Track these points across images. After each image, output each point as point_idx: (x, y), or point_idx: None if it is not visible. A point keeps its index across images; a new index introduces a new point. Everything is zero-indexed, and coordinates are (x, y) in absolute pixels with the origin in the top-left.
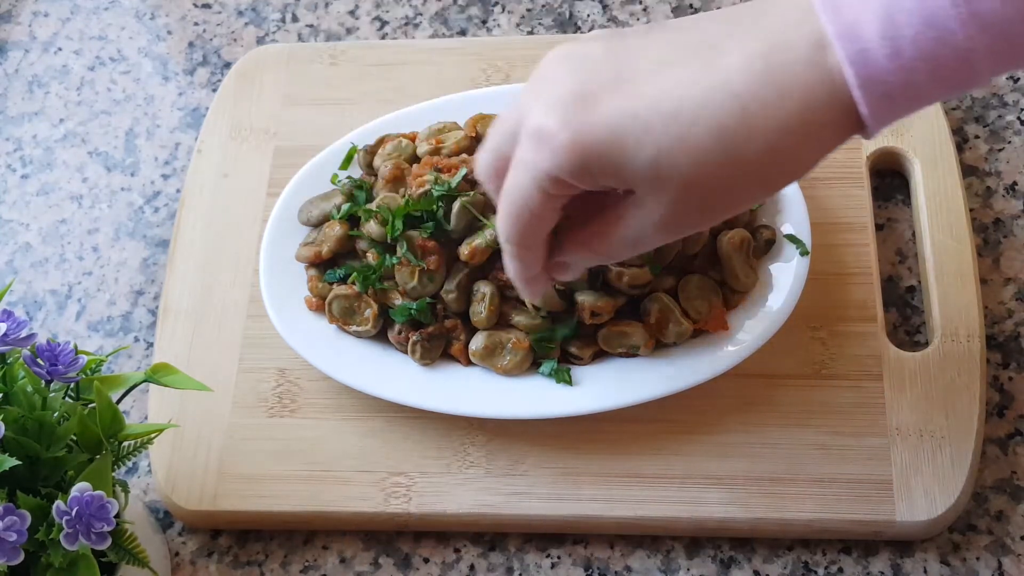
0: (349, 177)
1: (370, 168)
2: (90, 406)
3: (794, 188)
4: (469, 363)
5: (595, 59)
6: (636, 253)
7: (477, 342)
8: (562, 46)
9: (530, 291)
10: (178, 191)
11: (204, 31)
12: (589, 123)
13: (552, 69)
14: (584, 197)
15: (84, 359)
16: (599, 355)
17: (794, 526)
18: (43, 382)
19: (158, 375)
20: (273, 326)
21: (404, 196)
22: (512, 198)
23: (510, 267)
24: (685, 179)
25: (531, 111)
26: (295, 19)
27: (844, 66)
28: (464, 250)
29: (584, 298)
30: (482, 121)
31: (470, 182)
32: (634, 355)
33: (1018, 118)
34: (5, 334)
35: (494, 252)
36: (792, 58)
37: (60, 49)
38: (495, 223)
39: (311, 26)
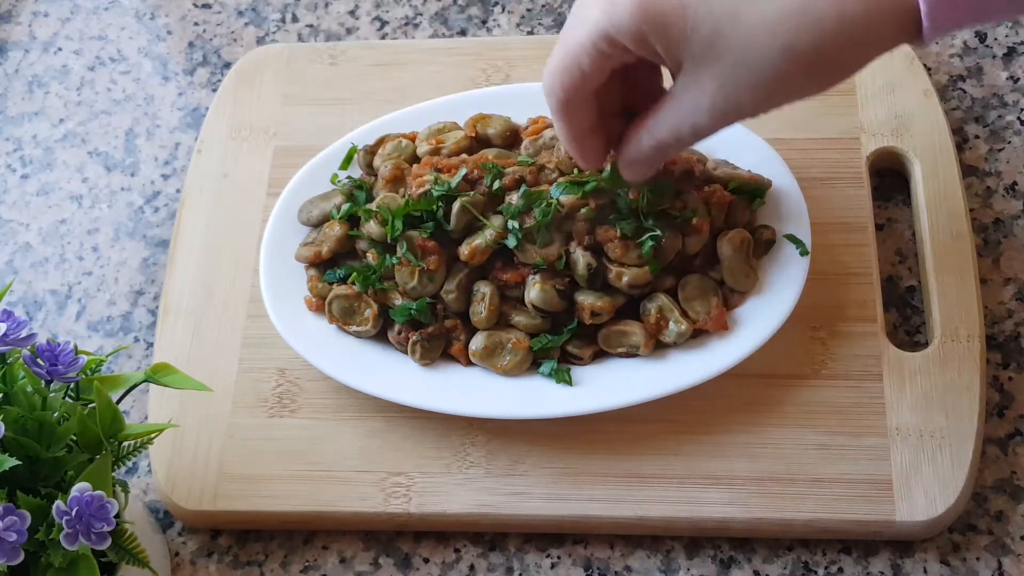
0: (349, 177)
1: (370, 168)
2: (90, 406)
3: (794, 188)
4: (469, 363)
5: None
6: (695, 139)
7: (477, 342)
8: None
9: (579, 152)
10: (178, 191)
11: (204, 31)
12: None
13: None
14: (635, 83)
15: (84, 359)
16: (599, 355)
17: (794, 526)
18: (43, 382)
19: (158, 375)
20: (273, 326)
21: (404, 196)
22: (566, 50)
23: (555, 123)
24: (737, 63)
25: None
26: (295, 19)
27: None
28: (464, 250)
29: (584, 298)
30: (482, 121)
31: (470, 182)
32: (634, 355)
33: (1018, 118)
34: (5, 334)
35: (494, 252)
36: None
37: (60, 49)
38: (543, 78)
39: (311, 26)
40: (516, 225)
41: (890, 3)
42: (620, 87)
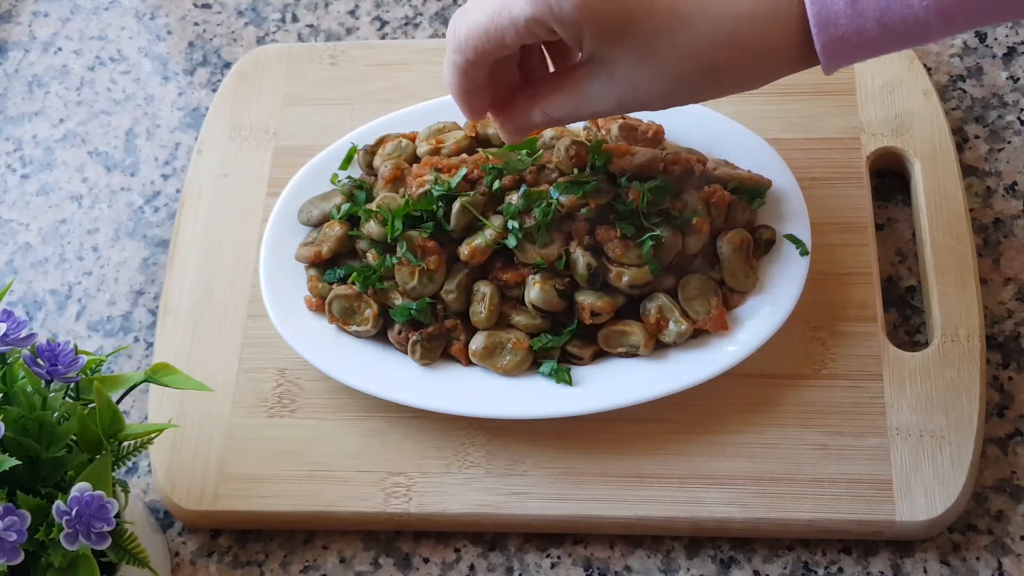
0: (349, 177)
1: (370, 168)
2: (90, 406)
3: (794, 188)
4: (469, 363)
5: None
6: (582, 119)
7: (477, 342)
8: None
9: (468, 106)
10: (178, 191)
11: (204, 31)
12: None
13: None
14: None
15: (84, 359)
16: (599, 355)
17: (794, 526)
18: (43, 382)
19: (158, 375)
20: (273, 326)
21: (404, 196)
22: (492, 18)
23: (448, 76)
24: (660, 73)
25: None
26: (295, 19)
27: (807, 4)
28: (464, 250)
29: (584, 298)
30: (482, 121)
31: (470, 182)
32: (634, 355)
33: (1018, 118)
34: (5, 334)
35: (494, 252)
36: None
37: (60, 49)
38: (450, 27)
39: (311, 26)
40: (516, 225)
41: (793, 35)
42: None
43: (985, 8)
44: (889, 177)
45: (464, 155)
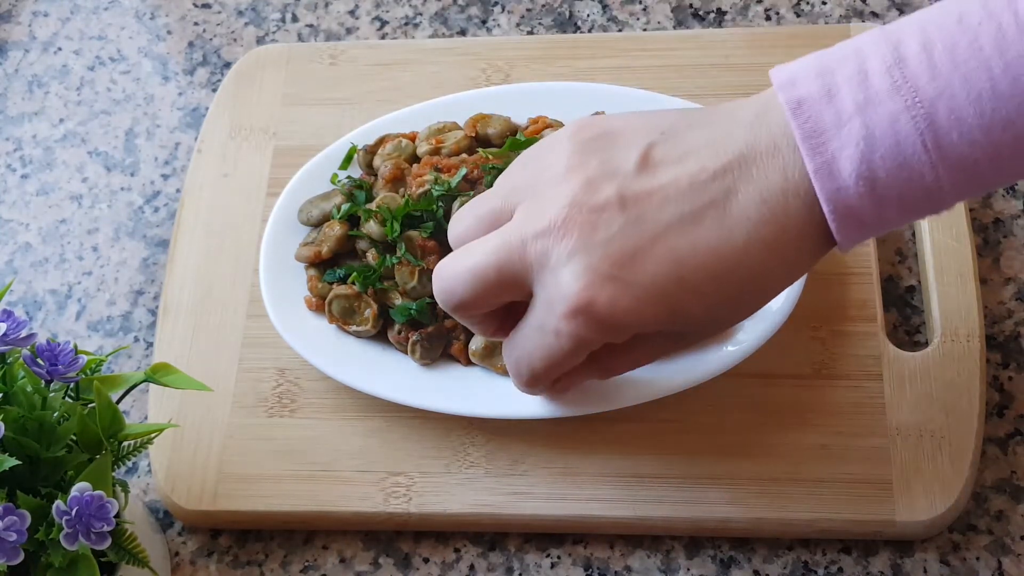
0: (349, 177)
1: (370, 168)
2: (90, 406)
3: None
4: (469, 363)
5: (608, 212)
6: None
7: (477, 342)
8: (562, 189)
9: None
10: (178, 191)
11: (204, 31)
12: (634, 296)
13: (562, 229)
14: None
15: (84, 359)
16: None
17: (794, 526)
18: (43, 382)
19: (158, 375)
20: (273, 326)
21: (404, 196)
22: (542, 360)
23: (522, 386)
24: (720, 317)
25: (555, 280)
26: (295, 19)
27: (822, 201)
28: None
29: None
30: (482, 121)
31: (470, 182)
32: None
33: None
34: (5, 334)
35: None
36: (791, 199)
37: (60, 49)
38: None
39: (311, 26)
40: None
41: (813, 239)
42: None
43: (1001, 176)
44: None
45: (464, 155)
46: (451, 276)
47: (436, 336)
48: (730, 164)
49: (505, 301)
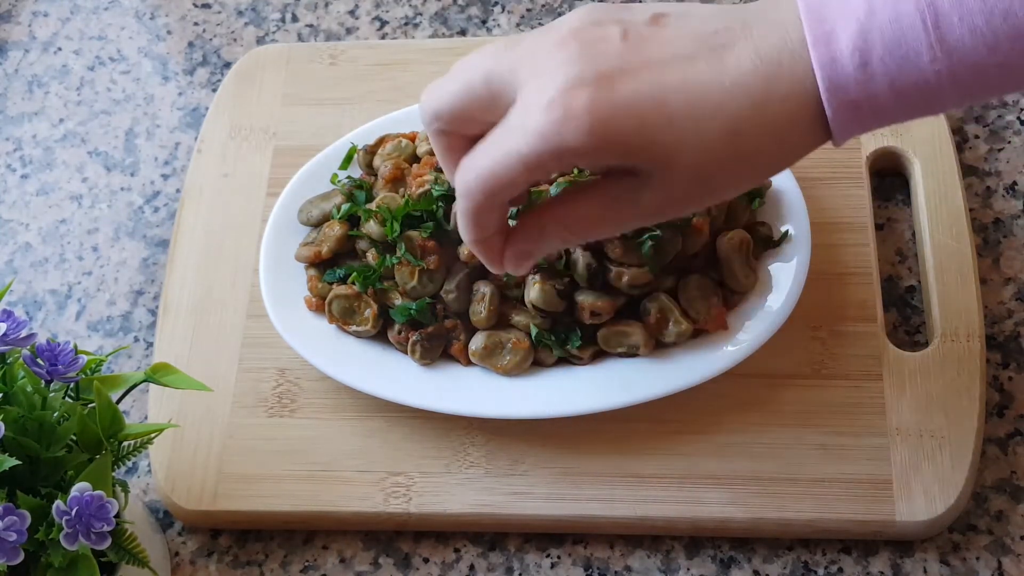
0: (349, 177)
1: (370, 168)
2: (90, 406)
3: (794, 188)
4: (469, 363)
5: (608, 41)
6: (615, 234)
7: (477, 342)
8: (566, 23)
9: (486, 255)
10: (178, 191)
11: (204, 31)
12: (612, 105)
13: (558, 46)
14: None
15: (84, 359)
16: (599, 355)
17: (794, 526)
18: (43, 382)
19: (158, 375)
20: (273, 326)
21: (404, 196)
22: (498, 157)
23: (462, 225)
24: (693, 170)
25: (539, 84)
26: (295, 19)
27: (815, 70)
28: (464, 250)
29: (584, 298)
30: None
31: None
32: (634, 355)
33: (1018, 118)
34: (5, 334)
35: None
36: (786, 62)
37: (60, 49)
38: (460, 174)
39: (311, 26)
40: None
41: (807, 113)
42: None
43: (999, 76)
44: (889, 177)
45: None
46: (437, 87)
47: (436, 336)
48: (734, 24)
49: (484, 121)
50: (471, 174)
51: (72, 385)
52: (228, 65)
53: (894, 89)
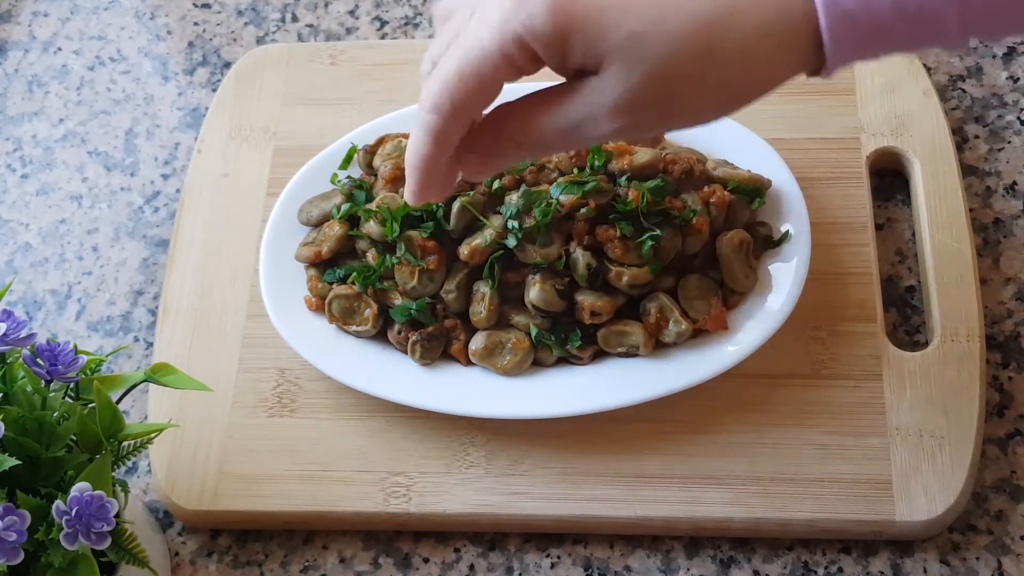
0: (349, 177)
1: (370, 168)
2: (90, 406)
3: (794, 188)
4: (469, 363)
5: None
6: (572, 145)
7: (477, 342)
8: None
9: (424, 182)
10: (178, 191)
11: (204, 31)
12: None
13: None
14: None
15: (84, 359)
16: (599, 355)
17: (794, 526)
18: (43, 382)
19: (158, 375)
20: (273, 326)
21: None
22: (463, 56)
23: (419, 143)
24: (655, 63)
25: None
26: (295, 19)
27: None
28: (464, 250)
29: (584, 298)
30: None
31: (470, 182)
32: (634, 355)
33: (1018, 118)
34: (5, 334)
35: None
36: None
37: (60, 49)
38: (426, 87)
39: (311, 26)
40: (516, 225)
41: (798, 22)
42: None
43: (1009, 9)
44: (889, 177)
45: None
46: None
47: (436, 336)
48: None
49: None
50: (436, 83)
51: (72, 385)
52: (228, 65)
53: (895, 6)
